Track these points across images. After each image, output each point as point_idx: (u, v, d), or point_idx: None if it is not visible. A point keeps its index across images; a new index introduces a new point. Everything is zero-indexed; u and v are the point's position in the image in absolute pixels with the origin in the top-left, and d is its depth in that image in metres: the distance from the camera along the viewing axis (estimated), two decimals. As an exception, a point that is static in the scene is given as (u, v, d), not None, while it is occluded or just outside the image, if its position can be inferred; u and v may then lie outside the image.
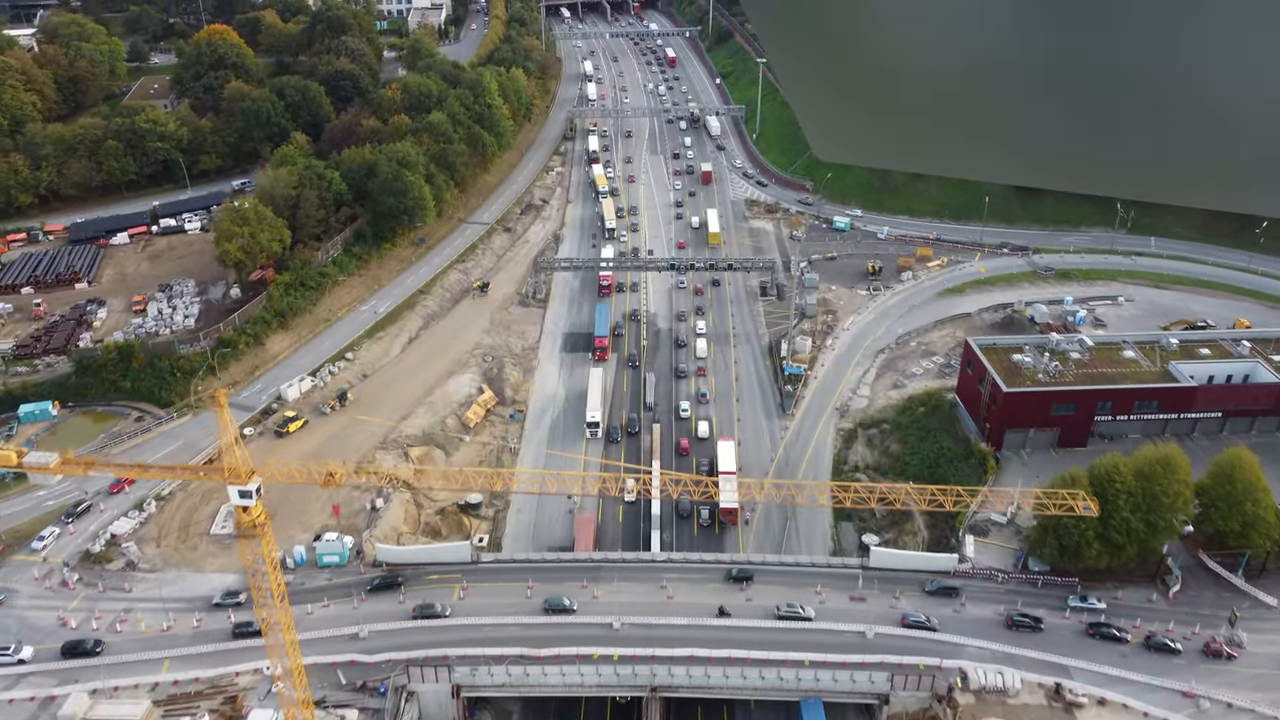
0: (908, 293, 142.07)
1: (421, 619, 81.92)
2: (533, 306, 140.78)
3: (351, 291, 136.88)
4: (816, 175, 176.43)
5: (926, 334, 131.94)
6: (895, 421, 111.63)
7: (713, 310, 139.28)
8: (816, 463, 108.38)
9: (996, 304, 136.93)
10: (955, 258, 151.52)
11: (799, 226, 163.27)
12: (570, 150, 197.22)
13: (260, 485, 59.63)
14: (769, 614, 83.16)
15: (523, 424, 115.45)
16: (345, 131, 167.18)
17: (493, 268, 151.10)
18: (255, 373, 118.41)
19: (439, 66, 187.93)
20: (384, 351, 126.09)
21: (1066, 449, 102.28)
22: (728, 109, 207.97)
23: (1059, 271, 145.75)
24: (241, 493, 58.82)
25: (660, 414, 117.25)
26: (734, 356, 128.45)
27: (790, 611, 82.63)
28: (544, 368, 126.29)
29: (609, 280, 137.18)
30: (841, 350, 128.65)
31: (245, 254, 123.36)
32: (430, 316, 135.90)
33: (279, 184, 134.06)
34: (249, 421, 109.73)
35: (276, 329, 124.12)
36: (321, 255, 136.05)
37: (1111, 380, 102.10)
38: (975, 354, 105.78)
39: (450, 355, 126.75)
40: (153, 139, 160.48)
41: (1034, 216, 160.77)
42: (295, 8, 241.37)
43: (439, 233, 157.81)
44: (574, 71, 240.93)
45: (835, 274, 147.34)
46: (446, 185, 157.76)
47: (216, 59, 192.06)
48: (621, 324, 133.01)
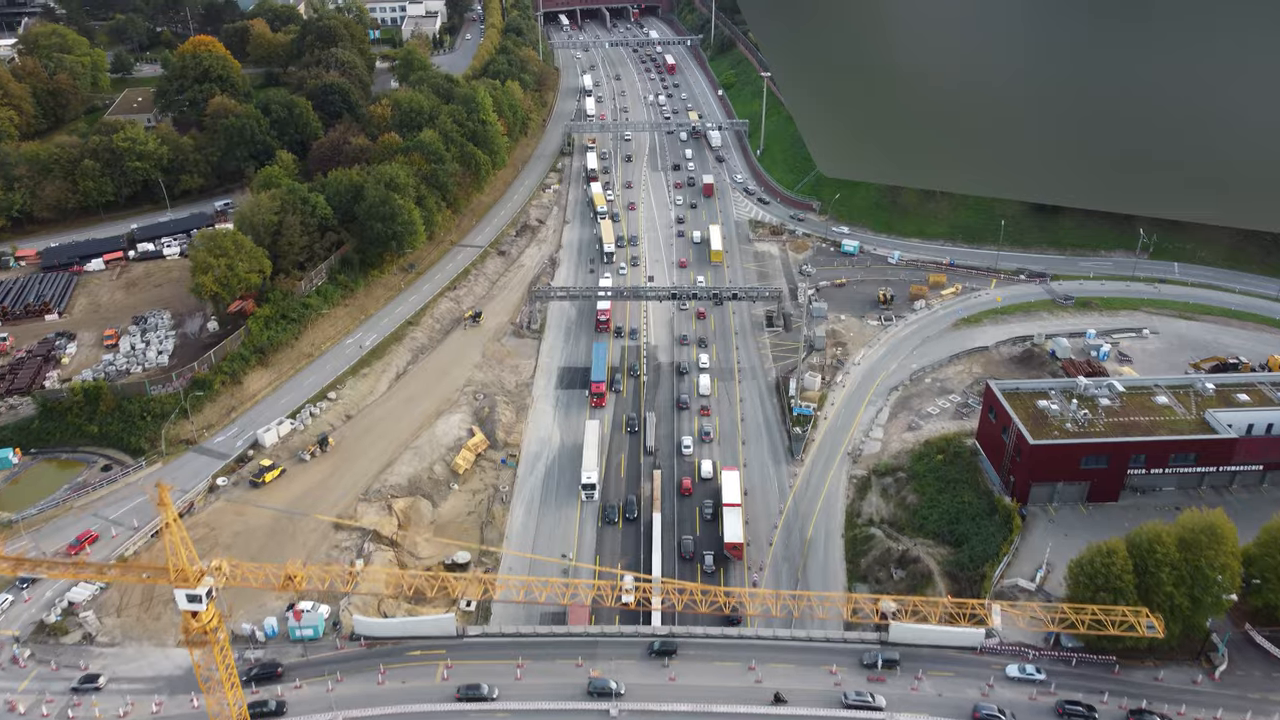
0: (921, 323, 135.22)
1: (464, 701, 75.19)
2: (527, 338, 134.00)
3: (336, 323, 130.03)
4: (824, 195, 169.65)
5: (942, 369, 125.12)
6: (912, 469, 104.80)
7: (716, 343, 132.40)
8: (828, 516, 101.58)
9: (1015, 336, 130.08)
10: (970, 284, 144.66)
11: (806, 250, 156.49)
12: (568, 166, 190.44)
13: (213, 589, 52.80)
14: (830, 700, 76.05)
15: (515, 470, 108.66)
16: (333, 149, 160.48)
17: (486, 295, 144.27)
18: (232, 414, 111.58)
19: (431, 80, 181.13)
20: (369, 389, 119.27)
21: (1097, 503, 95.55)
22: (731, 123, 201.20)
23: (1079, 300, 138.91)
24: (190, 597, 51.99)
25: (661, 458, 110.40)
26: (739, 394, 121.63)
27: (859, 700, 75.70)
28: (538, 406, 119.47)
29: (607, 314, 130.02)
30: (852, 387, 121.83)
31: (222, 287, 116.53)
32: (419, 349, 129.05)
33: (260, 210, 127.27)
34: (223, 470, 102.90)
35: (255, 366, 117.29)
36: (305, 285, 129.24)
37: (1145, 430, 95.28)
38: (998, 400, 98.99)
39: (439, 393, 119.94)
40: (131, 158, 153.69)
41: (1051, 240, 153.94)
42: (285, 17, 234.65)
43: (430, 257, 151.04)
44: (572, 83, 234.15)
45: (844, 302, 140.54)
46: (438, 207, 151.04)
47: (201, 72, 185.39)
48: (620, 364, 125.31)
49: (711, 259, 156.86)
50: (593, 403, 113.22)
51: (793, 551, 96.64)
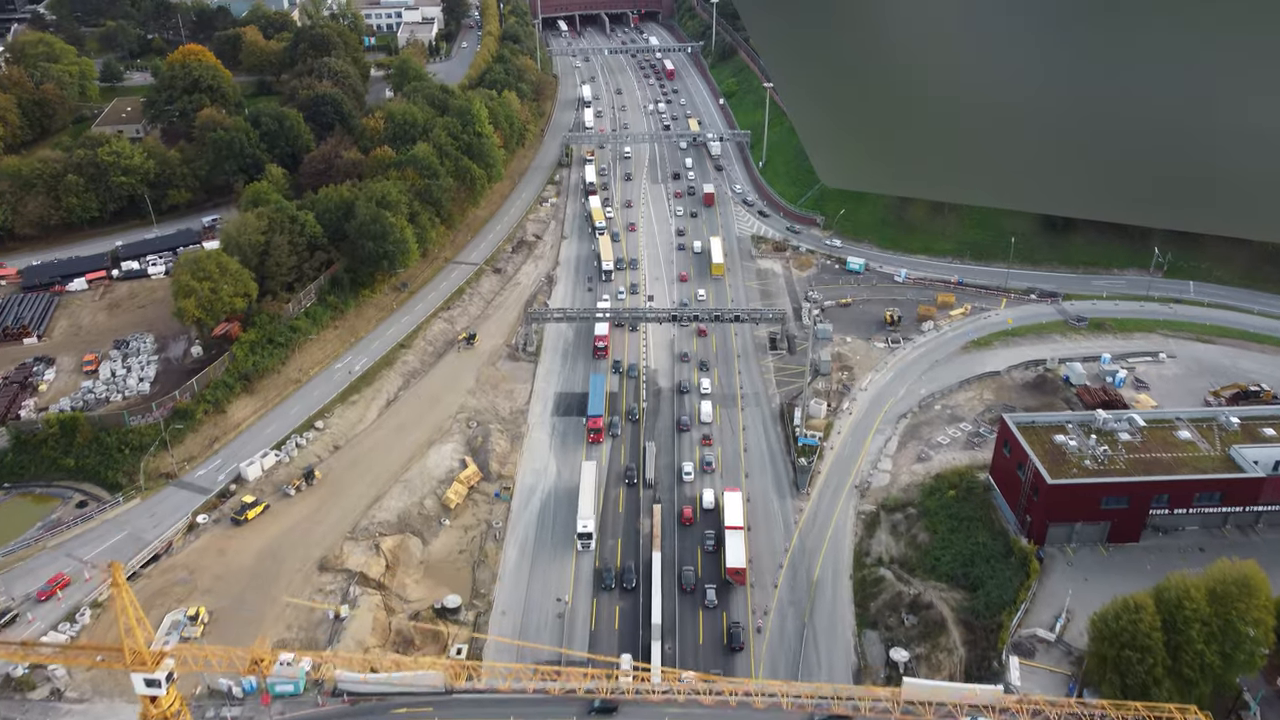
0: (929, 346, 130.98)
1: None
2: (523, 360, 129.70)
3: (325, 347, 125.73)
4: (828, 209, 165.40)
5: (952, 395, 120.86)
6: (922, 505, 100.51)
7: (718, 366, 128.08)
8: (835, 554, 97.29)
9: (1027, 361, 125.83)
10: (979, 304, 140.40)
11: (810, 267, 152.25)
12: (565, 178, 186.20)
13: (173, 672, 48.50)
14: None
15: (509, 503, 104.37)
16: (324, 163, 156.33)
17: (480, 315, 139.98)
18: (214, 445, 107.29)
19: (426, 91, 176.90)
20: (358, 418, 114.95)
21: (1118, 543, 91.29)
22: (733, 134, 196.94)
23: (1092, 321, 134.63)
24: (148, 681, 47.73)
25: (661, 490, 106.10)
26: (741, 421, 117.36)
27: None
28: (534, 435, 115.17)
29: (605, 341, 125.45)
30: (859, 415, 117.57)
31: (205, 312, 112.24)
32: (411, 374, 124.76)
33: (246, 230, 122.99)
34: (203, 507, 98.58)
35: (240, 393, 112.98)
36: (293, 307, 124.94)
37: (1167, 468, 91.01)
38: (1013, 434, 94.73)
39: (431, 421, 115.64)
40: (116, 173, 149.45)
41: (1062, 257, 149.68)
42: (279, 24, 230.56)
43: (423, 275, 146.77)
44: (571, 91, 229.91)
45: (850, 323, 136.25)
46: (431, 223, 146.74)
47: (191, 82, 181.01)
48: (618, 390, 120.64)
49: (712, 272, 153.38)
50: (590, 438, 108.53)
51: (799, 594, 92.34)
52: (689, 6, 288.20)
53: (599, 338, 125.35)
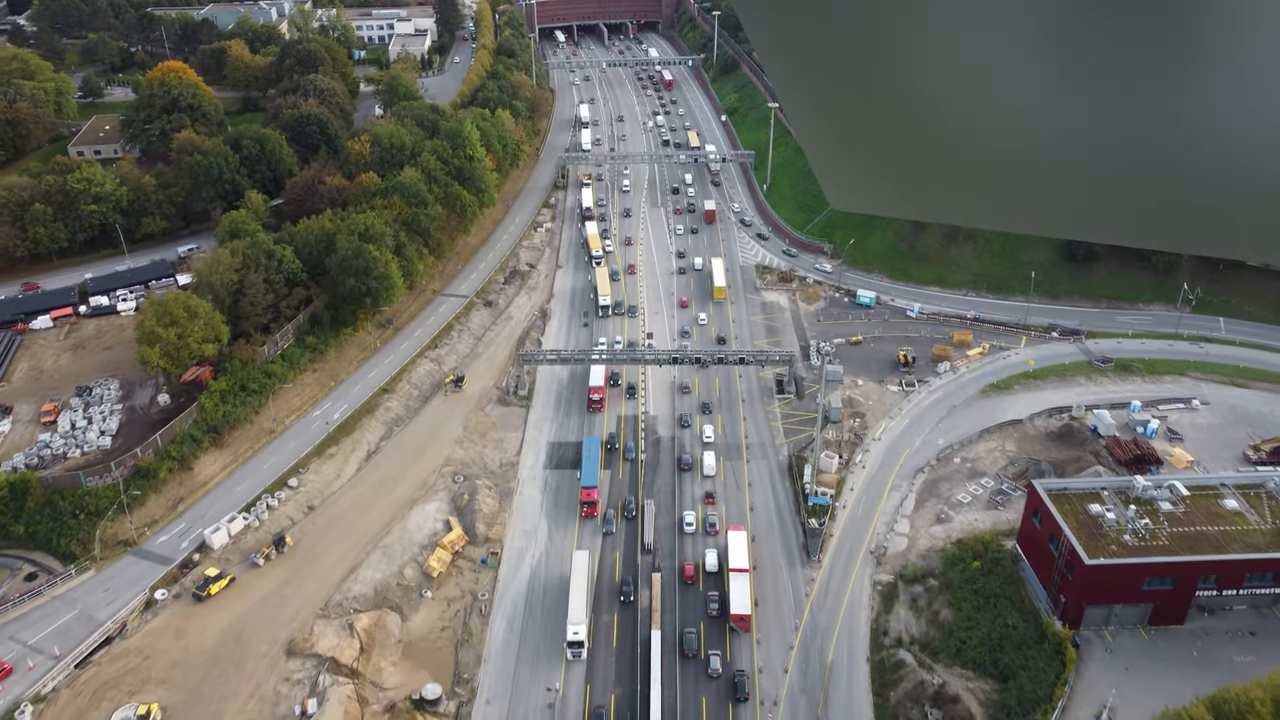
0: (946, 389, 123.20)
1: None
2: (514, 405, 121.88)
3: (303, 392, 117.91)
4: (836, 237, 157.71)
5: (971, 447, 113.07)
6: (944, 576, 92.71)
7: (721, 412, 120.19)
8: (850, 632, 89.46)
9: (1051, 408, 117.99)
10: (997, 342, 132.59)
11: (817, 300, 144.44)
12: (561, 201, 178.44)
13: None
14: None
15: (496, 571, 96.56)
16: (306, 190, 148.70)
17: (469, 354, 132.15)
18: (179, 507, 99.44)
19: (415, 112, 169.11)
20: (335, 473, 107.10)
21: (1160, 626, 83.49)
22: (736, 155, 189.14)
23: (1118, 362, 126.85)
24: None
25: (661, 557, 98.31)
26: (747, 475, 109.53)
27: None
28: (524, 491, 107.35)
29: (600, 394, 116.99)
30: (873, 469, 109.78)
31: (170, 361, 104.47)
32: (394, 421, 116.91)
33: (218, 268, 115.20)
34: (163, 580, 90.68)
35: (208, 448, 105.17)
36: (268, 349, 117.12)
37: (1215, 544, 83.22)
38: (1043, 503, 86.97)
39: (414, 476, 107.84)
40: (86, 201, 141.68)
41: (1083, 290, 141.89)
42: (266, 37, 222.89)
43: (409, 309, 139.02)
44: (568, 108, 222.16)
45: (861, 363, 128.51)
46: (419, 255, 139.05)
47: (170, 101, 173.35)
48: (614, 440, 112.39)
49: (714, 296, 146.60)
50: (583, 512, 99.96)
51: (811, 682, 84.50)
52: (689, 17, 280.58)
53: (594, 389, 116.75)
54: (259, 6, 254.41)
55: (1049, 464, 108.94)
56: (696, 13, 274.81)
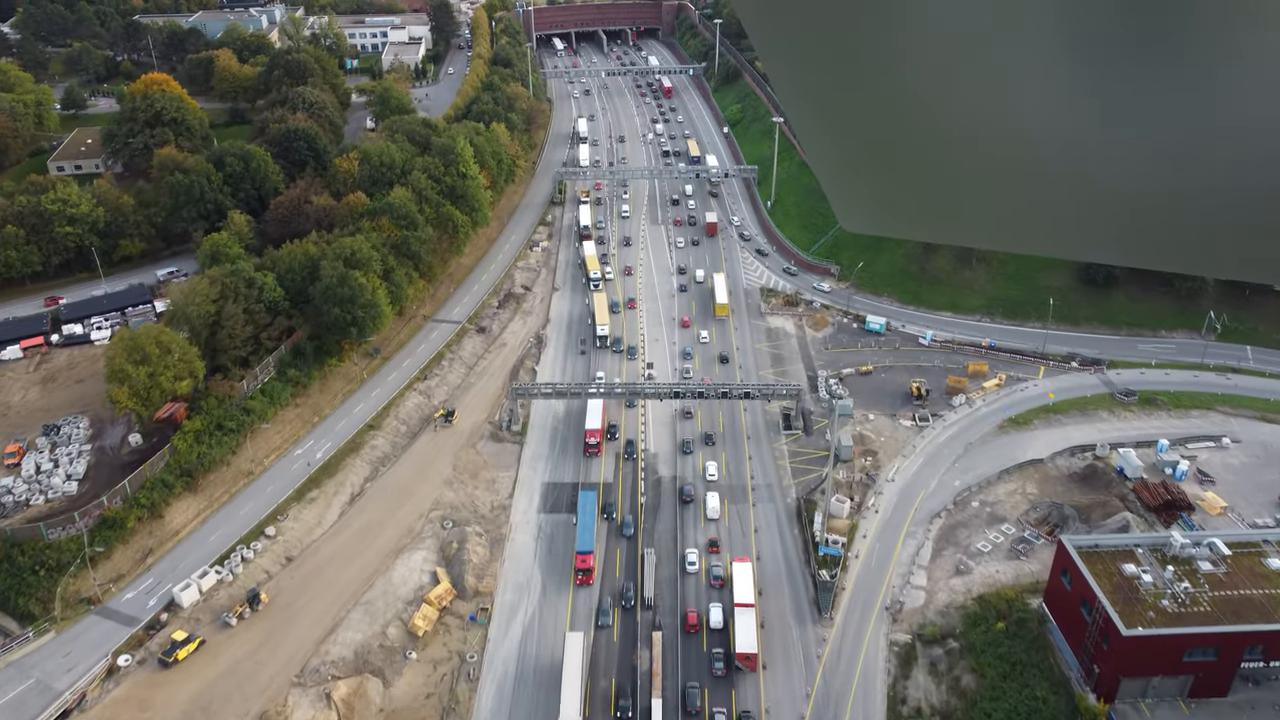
0: (962, 425, 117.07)
1: None
2: (507, 441, 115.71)
3: (284, 429, 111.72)
4: (844, 258, 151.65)
5: (990, 489, 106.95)
6: (966, 638, 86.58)
7: (725, 449, 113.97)
8: (866, 700, 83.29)
9: (1073, 446, 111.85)
10: (1014, 373, 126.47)
11: (825, 326, 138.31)
12: (558, 219, 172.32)
13: None
14: None
15: (486, 629, 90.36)
16: (291, 210, 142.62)
17: (461, 385, 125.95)
18: (147, 559, 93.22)
19: (406, 127, 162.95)
20: (316, 519, 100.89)
21: (1202, 699, 77.39)
22: (739, 170, 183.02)
23: (1142, 395, 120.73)
24: None
25: (663, 614, 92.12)
26: (753, 521, 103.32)
27: None
28: (517, 538, 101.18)
29: (597, 436, 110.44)
30: (887, 513, 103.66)
31: (140, 402, 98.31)
32: (380, 461, 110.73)
33: (194, 299, 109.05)
34: (127, 644, 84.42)
35: (181, 493, 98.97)
36: (247, 384, 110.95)
37: (1261, 610, 77.12)
38: (1073, 562, 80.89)
39: (400, 521, 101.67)
40: (61, 223, 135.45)
41: (1103, 316, 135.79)
42: (255, 46, 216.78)
43: (398, 337, 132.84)
44: (565, 118, 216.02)
45: (871, 395, 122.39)
46: (409, 279, 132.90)
47: (153, 115, 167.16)
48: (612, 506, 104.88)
49: (716, 313, 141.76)
50: (578, 580, 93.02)
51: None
52: (690, 24, 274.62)
53: (590, 433, 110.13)
54: (249, 14, 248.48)
55: (1073, 508, 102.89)
56: (698, 20, 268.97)
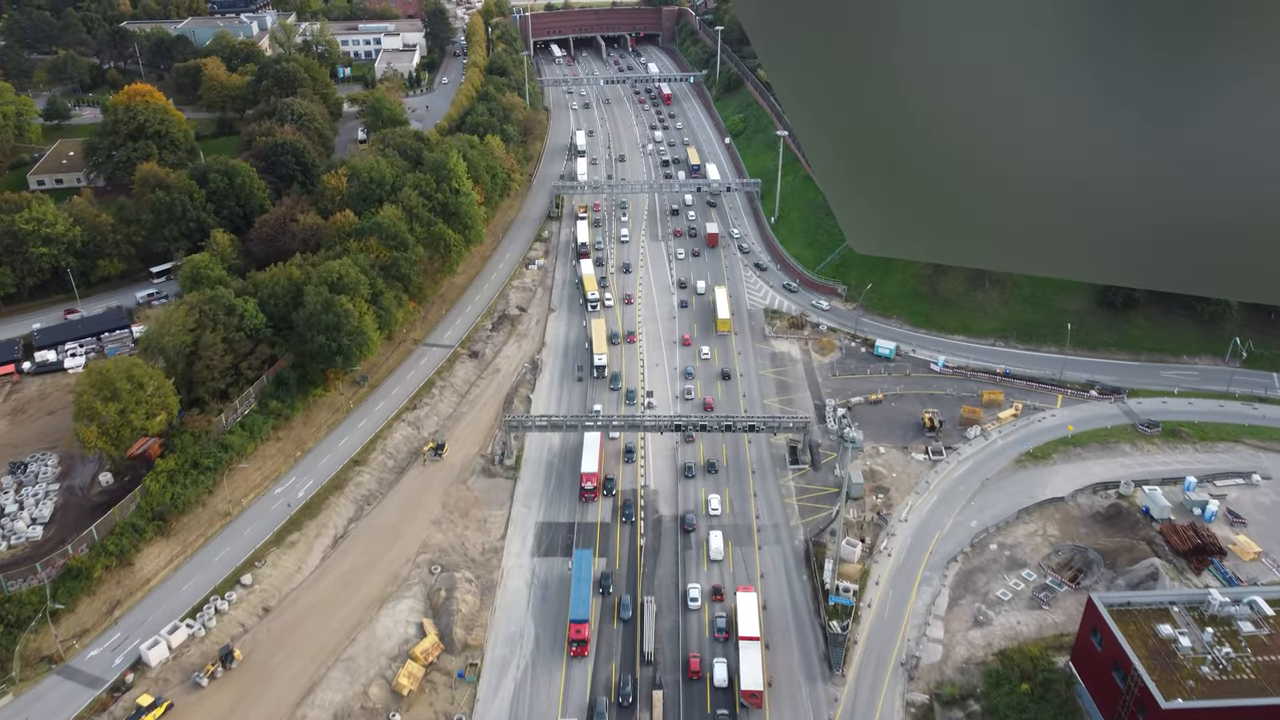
0: (977, 459, 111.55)
1: None
2: (499, 476, 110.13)
3: (264, 465, 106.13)
4: (851, 278, 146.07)
5: (1009, 530, 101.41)
6: (988, 699, 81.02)
7: (729, 486, 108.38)
8: (882, 769, 77.78)
9: (1095, 483, 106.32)
10: (1031, 402, 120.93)
11: (832, 351, 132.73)
12: (555, 234, 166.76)
13: None
14: None
15: (475, 687, 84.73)
16: (276, 229, 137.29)
17: (452, 414, 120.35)
18: (115, 612, 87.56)
19: (397, 141, 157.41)
20: (296, 565, 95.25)
21: (1243, 773, 71.80)
22: (741, 183, 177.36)
23: (1165, 427, 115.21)
24: None
25: (664, 670, 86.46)
26: (759, 564, 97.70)
27: None
28: (509, 585, 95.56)
29: (594, 481, 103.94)
30: (900, 557, 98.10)
31: (110, 441, 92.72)
32: (365, 499, 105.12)
33: (170, 329, 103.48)
34: (90, 709, 78.75)
35: (152, 538, 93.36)
36: (226, 418, 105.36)
37: (1308, 677, 71.52)
38: (1104, 623, 75.37)
39: (385, 567, 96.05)
40: (35, 243, 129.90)
41: (1122, 341, 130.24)
42: (245, 54, 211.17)
43: (387, 362, 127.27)
44: (563, 130, 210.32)
45: (882, 425, 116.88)
46: (398, 302, 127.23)
47: (136, 127, 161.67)
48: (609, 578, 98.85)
49: (718, 328, 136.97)
50: (572, 651, 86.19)
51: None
52: (691, 30, 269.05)
53: (586, 476, 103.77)
54: (239, 21, 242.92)
55: (1097, 552, 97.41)
56: (698, 26, 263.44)
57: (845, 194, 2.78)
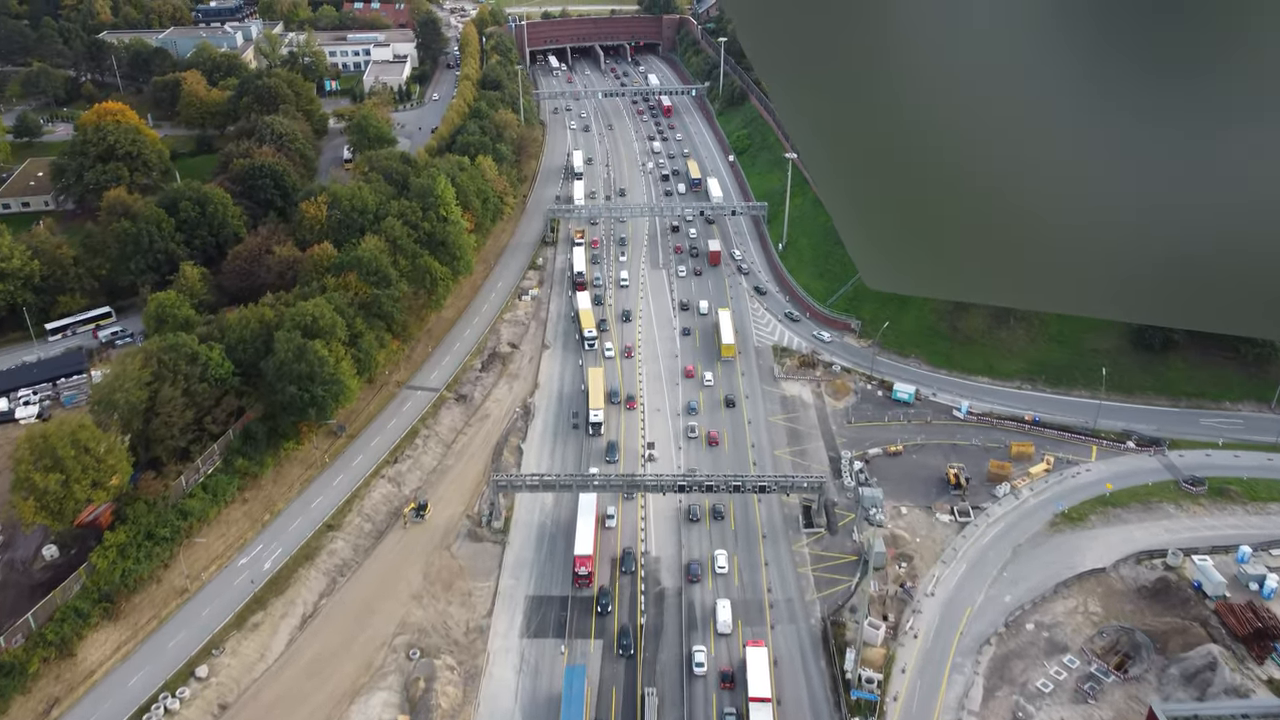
0: (1008, 520, 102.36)
1: None
2: (486, 541, 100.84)
3: (228, 532, 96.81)
4: (865, 311, 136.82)
5: (1046, 607, 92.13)
6: (1033, 820, 71.79)
7: (738, 553, 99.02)
8: None
9: (1139, 551, 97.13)
10: (1063, 453, 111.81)
11: (847, 395, 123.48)
12: (550, 261, 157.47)
13: None
14: None
15: (456, 799, 75.48)
16: (251, 260, 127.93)
17: (436, 468, 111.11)
18: (53, 713, 78.15)
19: (383, 164, 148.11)
20: (259, 652, 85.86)
21: None
22: (747, 207, 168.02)
23: (1211, 484, 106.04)
24: None
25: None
26: (771, 649, 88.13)
27: None
28: (495, 673, 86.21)
29: (588, 565, 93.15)
30: (928, 638, 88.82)
31: (50, 515, 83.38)
32: (339, 570, 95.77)
33: (124, 384, 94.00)
34: (15, 836, 69.59)
35: (99, 622, 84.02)
36: (186, 480, 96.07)
37: None
38: (1171, 740, 66.08)
39: (358, 652, 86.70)
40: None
41: (1159, 385, 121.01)
42: (226, 67, 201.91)
43: (367, 409, 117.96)
44: (559, 146, 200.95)
45: (902, 481, 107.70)
46: (379, 343, 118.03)
47: (106, 149, 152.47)
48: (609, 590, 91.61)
49: (722, 354, 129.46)
50: None
51: None
52: (693, 40, 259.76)
53: (580, 559, 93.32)
54: (223, 31, 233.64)
55: (1145, 635, 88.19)
56: (700, 35, 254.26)
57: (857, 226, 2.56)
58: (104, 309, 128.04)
